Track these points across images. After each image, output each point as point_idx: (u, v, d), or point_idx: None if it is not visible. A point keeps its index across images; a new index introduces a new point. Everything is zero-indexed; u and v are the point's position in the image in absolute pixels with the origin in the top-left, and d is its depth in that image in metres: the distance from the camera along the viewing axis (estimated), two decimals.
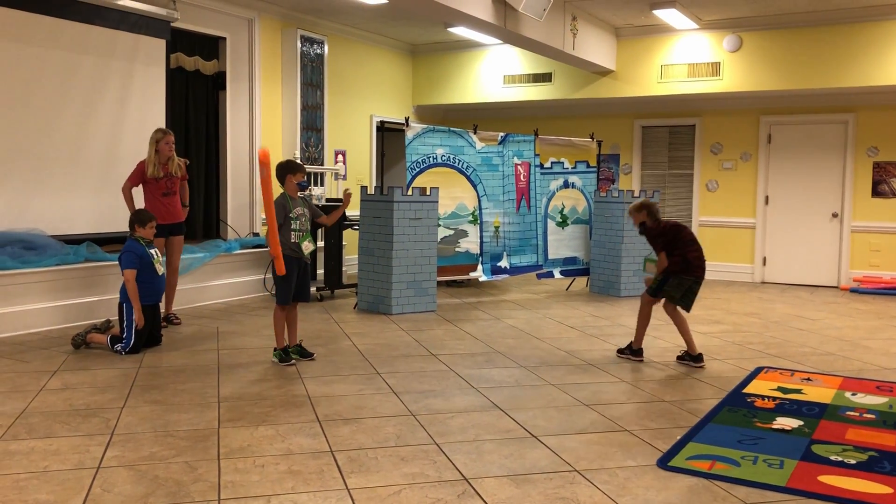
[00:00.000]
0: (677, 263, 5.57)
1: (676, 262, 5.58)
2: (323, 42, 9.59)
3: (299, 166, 5.46)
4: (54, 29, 6.98)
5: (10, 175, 6.72)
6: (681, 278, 5.55)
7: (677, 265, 5.57)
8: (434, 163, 8.13)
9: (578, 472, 3.43)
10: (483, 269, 8.54)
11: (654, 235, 5.65)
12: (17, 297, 6.18)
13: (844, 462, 3.61)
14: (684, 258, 5.56)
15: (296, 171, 5.40)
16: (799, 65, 9.25)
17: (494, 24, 7.58)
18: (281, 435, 3.85)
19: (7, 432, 3.82)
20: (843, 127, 9.88)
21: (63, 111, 7.10)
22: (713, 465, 3.54)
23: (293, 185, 5.39)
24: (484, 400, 4.55)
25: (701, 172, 10.70)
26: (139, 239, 5.71)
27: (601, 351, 5.96)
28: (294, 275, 5.36)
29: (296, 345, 5.51)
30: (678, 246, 5.60)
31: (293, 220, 5.32)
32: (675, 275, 5.56)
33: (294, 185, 5.39)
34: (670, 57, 9.95)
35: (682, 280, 5.54)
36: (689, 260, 5.56)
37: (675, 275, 5.56)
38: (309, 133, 9.45)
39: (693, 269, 5.55)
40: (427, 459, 3.55)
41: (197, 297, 7.66)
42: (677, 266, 5.57)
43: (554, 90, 10.71)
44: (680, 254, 5.56)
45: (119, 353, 5.51)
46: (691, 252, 5.59)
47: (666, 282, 5.59)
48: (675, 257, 5.58)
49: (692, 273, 5.55)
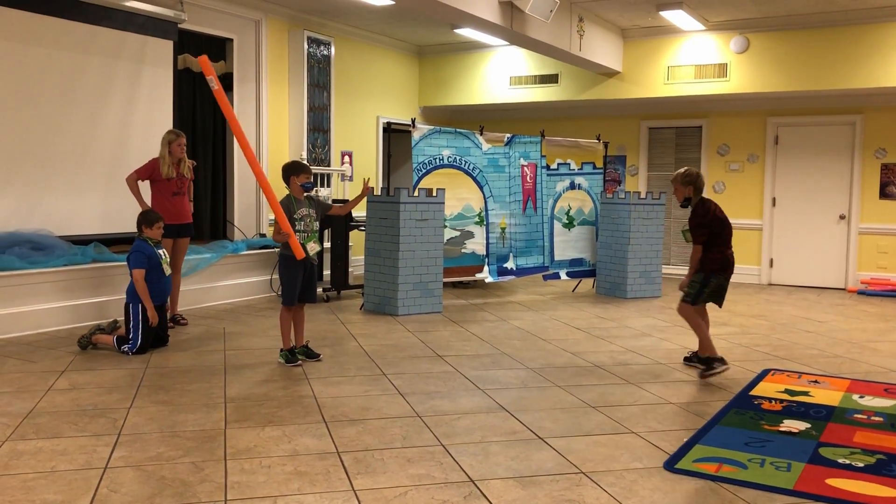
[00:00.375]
0: (717, 261, 5.17)
1: (716, 259, 5.17)
2: (330, 43, 9.60)
3: (303, 167, 5.40)
4: (62, 30, 7.00)
5: (17, 176, 6.74)
6: (718, 278, 5.19)
7: (716, 263, 5.16)
8: (440, 164, 8.13)
9: (585, 474, 3.42)
10: (489, 270, 8.54)
11: (699, 224, 5.18)
12: (24, 297, 6.20)
13: (852, 465, 3.59)
14: (724, 256, 5.18)
15: (299, 173, 5.34)
16: (806, 66, 9.22)
17: (501, 25, 7.58)
18: (287, 436, 3.85)
19: (15, 432, 3.83)
20: (851, 128, 9.85)
21: (71, 112, 7.13)
22: (720, 467, 3.53)
23: (297, 187, 5.35)
24: (490, 401, 4.55)
25: (708, 174, 10.67)
26: (147, 239, 5.73)
27: (607, 353, 5.95)
28: (299, 275, 5.36)
29: (302, 346, 5.51)
30: (718, 243, 5.19)
31: (297, 222, 5.28)
32: (714, 274, 5.15)
33: (298, 186, 5.35)
34: (677, 58, 9.93)
35: (720, 280, 5.20)
36: (728, 258, 5.19)
37: (713, 274, 5.15)
38: (316, 134, 9.47)
39: (730, 268, 5.22)
40: (433, 461, 3.55)
41: (204, 297, 7.68)
42: (716, 264, 5.17)
43: (560, 91, 10.70)
44: (720, 251, 5.17)
45: (126, 353, 5.52)
46: (730, 249, 5.24)
47: (706, 284, 5.18)
48: (714, 254, 5.16)
49: (726, 271, 5.22)
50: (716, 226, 5.16)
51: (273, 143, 9.18)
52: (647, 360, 5.70)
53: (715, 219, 5.18)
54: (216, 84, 5.00)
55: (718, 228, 5.16)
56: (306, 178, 5.35)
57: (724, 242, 5.20)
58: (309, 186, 5.39)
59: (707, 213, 5.18)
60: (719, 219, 5.20)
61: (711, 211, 5.21)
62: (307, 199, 5.42)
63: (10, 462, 3.44)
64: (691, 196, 5.23)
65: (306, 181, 5.35)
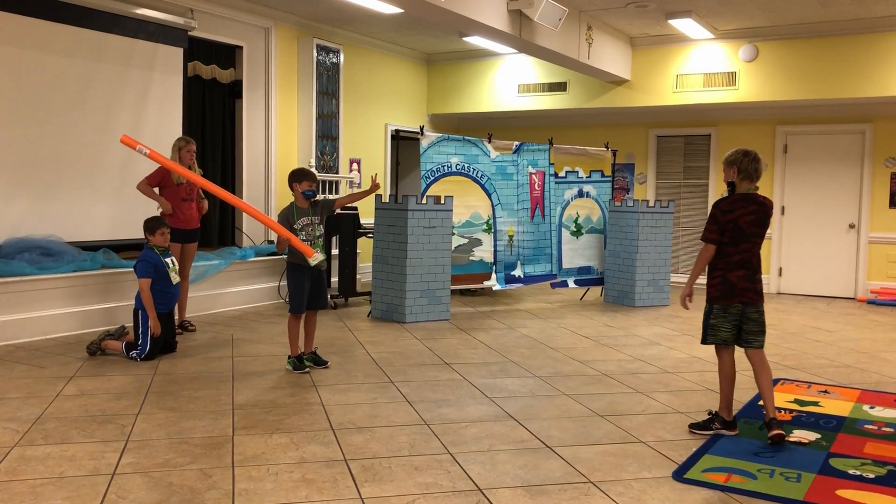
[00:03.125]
0: (716, 286, 4.10)
1: (715, 283, 4.11)
2: (338, 51, 9.63)
3: (305, 174, 5.35)
4: (73, 38, 7.05)
5: (28, 182, 6.78)
6: (722, 307, 4.11)
7: (716, 288, 4.10)
8: (448, 171, 8.13)
9: (593, 484, 3.41)
10: (497, 278, 8.53)
11: (709, 216, 4.17)
12: (34, 303, 6.22)
13: (863, 476, 3.56)
14: (724, 278, 4.09)
15: (301, 180, 5.30)
16: (815, 75, 9.20)
17: (510, 33, 7.59)
18: (295, 443, 3.85)
19: (23, 438, 3.84)
20: (861, 137, 9.82)
21: (81, 119, 7.16)
22: (729, 477, 3.51)
23: (299, 194, 5.33)
24: (498, 410, 4.53)
25: (716, 182, 10.65)
26: (154, 247, 5.75)
27: (616, 361, 5.93)
28: (306, 283, 5.35)
29: (310, 352, 5.51)
30: (724, 254, 4.10)
31: (298, 232, 5.24)
32: (715, 302, 4.13)
33: (300, 193, 5.33)
34: (686, 66, 9.92)
35: (725, 309, 4.11)
36: (728, 282, 4.08)
37: (714, 302, 4.14)
38: (324, 141, 9.49)
39: (735, 295, 4.08)
40: (441, 469, 3.54)
41: (212, 304, 7.69)
42: (716, 290, 4.11)
43: (569, 99, 10.70)
44: (720, 272, 4.11)
45: (134, 359, 5.53)
46: (740, 270, 4.08)
47: (709, 315, 4.17)
48: (716, 274, 4.11)
49: (730, 299, 4.09)
50: (728, 230, 4.07)
51: (282, 151, 9.20)
52: (656, 369, 5.68)
53: (730, 222, 4.07)
54: (147, 150, 5.09)
55: (729, 237, 4.08)
56: (308, 186, 5.32)
57: (733, 261, 4.09)
58: (310, 194, 5.33)
59: (719, 207, 4.12)
60: (738, 227, 4.06)
61: (733, 211, 4.08)
62: (311, 206, 5.39)
63: (18, 467, 3.44)
64: (735, 180, 4.13)
65: (308, 189, 5.31)
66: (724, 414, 4.17)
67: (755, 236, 4.10)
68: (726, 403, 4.17)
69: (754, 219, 4.07)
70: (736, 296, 4.07)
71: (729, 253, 4.11)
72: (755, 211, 4.08)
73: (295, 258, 5.29)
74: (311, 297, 5.40)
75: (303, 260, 5.22)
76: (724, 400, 4.18)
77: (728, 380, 4.17)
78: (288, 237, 5.07)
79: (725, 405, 4.17)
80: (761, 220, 4.09)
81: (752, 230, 4.08)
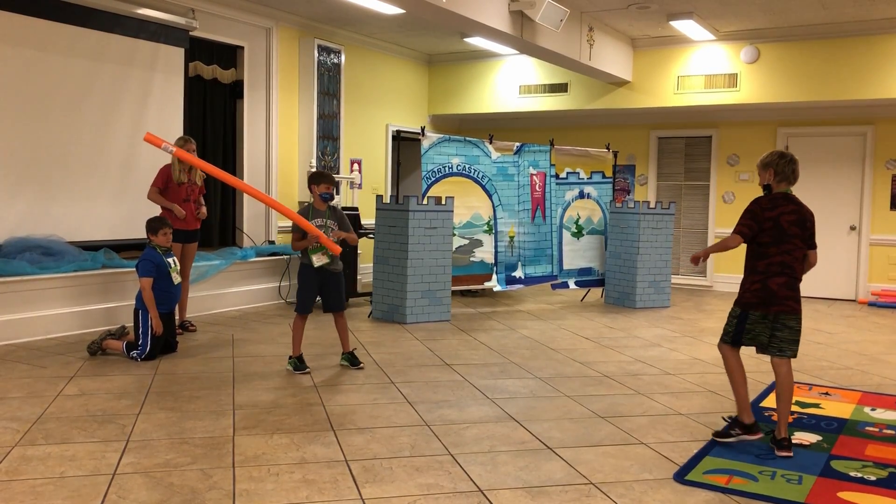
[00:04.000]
0: (754, 291, 3.91)
1: (753, 287, 3.92)
2: (340, 51, 9.63)
3: (323, 177, 5.39)
4: (75, 37, 7.05)
5: (29, 181, 6.78)
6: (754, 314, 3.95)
7: (752, 293, 3.92)
8: (449, 172, 8.13)
9: (594, 485, 3.40)
10: (497, 279, 8.53)
11: (745, 211, 3.99)
12: (34, 302, 6.22)
13: (864, 478, 3.56)
14: (764, 285, 3.89)
15: (319, 182, 5.35)
16: (817, 76, 9.20)
17: (511, 34, 7.59)
18: (295, 443, 3.85)
19: (24, 437, 3.84)
20: (862, 139, 9.81)
21: (82, 118, 7.16)
22: (730, 479, 3.51)
23: (316, 196, 5.37)
24: (499, 411, 4.53)
25: (717, 184, 10.65)
26: (157, 247, 5.75)
27: (616, 363, 5.92)
28: (314, 284, 5.37)
29: (347, 352, 5.54)
30: (766, 255, 3.90)
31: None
32: (747, 307, 3.96)
33: (317, 196, 5.36)
34: (687, 68, 9.92)
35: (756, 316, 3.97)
36: (769, 287, 3.90)
37: (745, 307, 3.97)
38: (325, 142, 9.48)
39: (773, 302, 3.91)
40: (442, 470, 3.54)
41: (212, 304, 7.69)
42: (752, 295, 3.92)
43: (570, 100, 10.70)
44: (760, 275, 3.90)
45: (135, 359, 5.53)
46: (780, 277, 3.90)
47: (745, 319, 3.98)
48: (754, 276, 3.92)
49: (768, 307, 3.91)
50: (767, 228, 3.91)
51: (283, 151, 9.20)
52: (657, 371, 5.68)
53: (770, 220, 3.91)
54: (172, 148, 5.20)
55: (770, 236, 3.91)
56: (326, 189, 5.35)
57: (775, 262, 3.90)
58: (327, 197, 5.36)
59: (759, 204, 3.96)
60: (779, 225, 3.90)
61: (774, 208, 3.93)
62: (329, 209, 5.41)
63: (19, 467, 3.44)
64: (771, 183, 4.00)
65: (325, 191, 5.34)
66: (742, 418, 3.99)
67: (795, 237, 3.93)
68: (743, 406, 4.00)
69: (794, 219, 3.92)
70: (775, 303, 3.90)
71: (771, 254, 3.92)
72: (794, 211, 3.93)
73: (305, 259, 5.34)
74: (325, 300, 5.44)
75: (307, 260, 5.29)
76: (741, 403, 4.01)
77: (739, 381, 4.02)
78: (317, 234, 5.12)
79: (742, 408, 4.00)
80: (800, 222, 3.94)
81: (793, 230, 3.92)
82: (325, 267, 5.31)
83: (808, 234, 3.98)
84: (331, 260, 5.31)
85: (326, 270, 5.34)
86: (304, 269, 5.39)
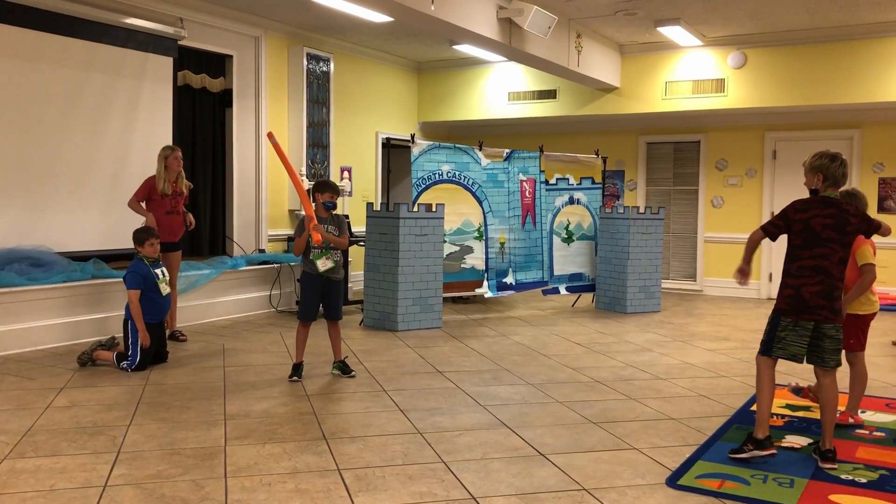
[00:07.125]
0: (787, 296, 3.81)
1: (787, 293, 3.82)
2: (329, 59, 9.64)
3: (327, 186, 5.48)
4: (63, 47, 7.03)
5: (17, 192, 6.74)
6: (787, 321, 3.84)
7: (786, 299, 3.82)
8: (440, 179, 8.14)
9: (587, 491, 3.40)
10: (489, 285, 8.53)
11: (786, 210, 3.89)
12: (23, 313, 6.19)
13: (855, 481, 3.58)
14: (796, 291, 3.78)
15: (323, 191, 5.44)
16: (804, 81, 9.26)
17: (499, 41, 7.62)
18: (288, 453, 3.84)
19: (13, 450, 3.81)
20: (849, 143, 9.88)
21: (71, 128, 7.14)
22: (723, 483, 3.52)
23: (320, 204, 5.43)
24: (491, 418, 4.53)
25: (706, 188, 10.70)
26: (144, 258, 5.73)
27: (608, 368, 5.93)
28: (315, 292, 5.43)
29: (338, 361, 5.56)
30: (799, 258, 3.80)
31: (311, 238, 5.32)
32: (783, 315, 3.84)
33: (321, 203, 5.42)
34: (675, 73, 9.97)
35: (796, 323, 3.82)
36: (802, 295, 3.77)
37: (781, 314, 3.85)
38: (315, 150, 9.48)
39: (807, 311, 3.78)
40: (435, 478, 3.53)
41: (203, 313, 7.66)
42: (785, 301, 3.82)
43: (559, 107, 10.74)
44: (793, 280, 3.81)
45: (125, 370, 5.50)
46: (813, 281, 3.76)
47: (777, 326, 3.87)
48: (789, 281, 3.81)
49: (807, 315, 3.78)
50: (797, 230, 3.82)
51: (272, 159, 9.18)
52: (648, 376, 5.69)
53: (801, 222, 3.82)
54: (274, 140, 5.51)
55: (801, 239, 3.81)
56: (329, 198, 5.43)
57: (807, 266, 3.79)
58: (330, 206, 5.44)
59: (794, 205, 3.88)
60: (811, 228, 3.79)
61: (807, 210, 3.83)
62: (330, 216, 5.47)
63: (8, 480, 3.42)
64: (818, 187, 3.86)
65: (328, 200, 5.42)
66: (756, 432, 3.83)
67: (832, 242, 3.74)
68: (761, 420, 3.84)
69: (832, 223, 3.73)
70: (807, 312, 3.76)
71: (802, 257, 3.80)
72: (833, 215, 3.75)
73: (307, 266, 5.40)
74: (324, 307, 5.50)
75: (308, 267, 5.38)
76: (760, 417, 3.85)
77: (765, 396, 3.87)
78: (311, 216, 5.25)
79: (760, 422, 3.84)
80: (840, 226, 3.74)
81: (828, 234, 3.74)
82: (328, 274, 5.35)
83: (848, 240, 3.80)
84: (335, 264, 5.39)
85: (328, 278, 5.39)
86: (307, 277, 5.45)
